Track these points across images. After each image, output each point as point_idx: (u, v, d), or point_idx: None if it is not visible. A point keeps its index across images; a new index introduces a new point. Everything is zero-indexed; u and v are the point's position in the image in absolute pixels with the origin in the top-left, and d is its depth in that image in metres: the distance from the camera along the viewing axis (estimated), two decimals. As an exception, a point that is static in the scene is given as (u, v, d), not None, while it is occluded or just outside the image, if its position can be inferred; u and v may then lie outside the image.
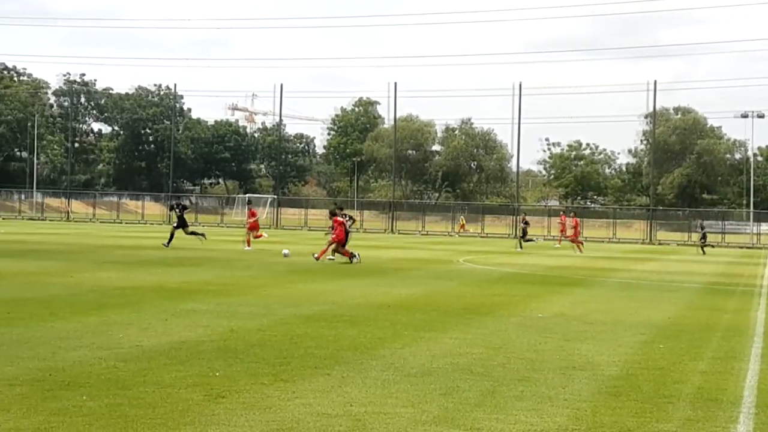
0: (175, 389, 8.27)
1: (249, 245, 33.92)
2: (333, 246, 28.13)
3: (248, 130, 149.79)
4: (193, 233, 34.45)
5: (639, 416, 7.92)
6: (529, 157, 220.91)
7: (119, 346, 10.50)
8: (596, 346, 11.80)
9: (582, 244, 45.36)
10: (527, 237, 47.36)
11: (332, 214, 29.65)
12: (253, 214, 35.56)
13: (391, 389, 8.61)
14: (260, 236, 35.69)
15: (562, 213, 53.09)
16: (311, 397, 8.14)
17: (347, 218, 29.31)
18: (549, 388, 8.95)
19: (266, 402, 7.91)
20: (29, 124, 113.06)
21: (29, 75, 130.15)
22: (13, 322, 12.30)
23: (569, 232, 48.00)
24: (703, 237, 48.24)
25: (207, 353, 10.23)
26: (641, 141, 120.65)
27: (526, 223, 48.03)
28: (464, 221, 73.49)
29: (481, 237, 62.45)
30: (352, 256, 27.69)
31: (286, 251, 30.11)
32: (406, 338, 11.94)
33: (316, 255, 27.96)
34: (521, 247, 44.96)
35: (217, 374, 9.03)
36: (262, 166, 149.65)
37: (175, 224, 33.93)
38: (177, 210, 34.31)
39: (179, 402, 7.79)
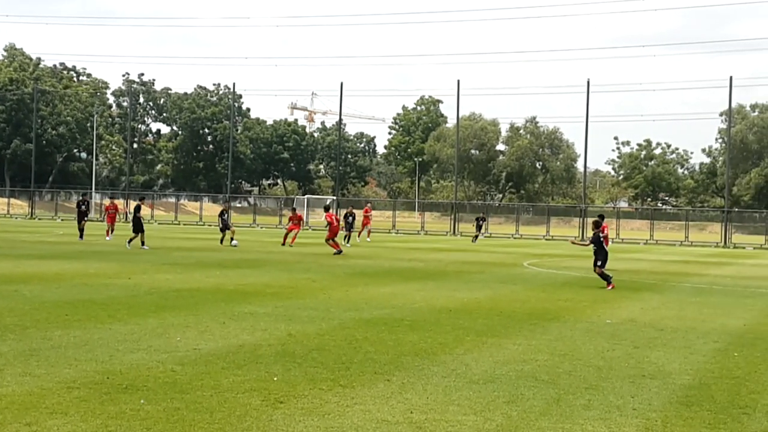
0: (234, 394, 8.23)
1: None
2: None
3: (308, 130, 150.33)
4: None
5: (713, 428, 7.67)
6: (597, 156, 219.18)
7: (177, 350, 10.49)
8: (668, 353, 11.47)
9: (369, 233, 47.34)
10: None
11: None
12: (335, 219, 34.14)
13: (454, 396, 8.46)
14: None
15: (368, 205, 51.94)
16: (371, 404, 8.04)
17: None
18: (618, 397, 8.72)
19: (325, 408, 7.82)
20: (89, 124, 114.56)
21: (89, 75, 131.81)
22: (71, 324, 12.36)
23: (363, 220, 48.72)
24: (478, 227, 51.32)
25: (265, 357, 10.16)
26: (716, 140, 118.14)
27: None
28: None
29: (546, 240, 61.68)
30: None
31: (235, 242, 34.49)
32: (469, 344, 11.74)
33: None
34: None
35: (276, 379, 8.95)
36: (322, 166, 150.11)
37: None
38: (83, 206, 36.50)
39: (237, 407, 7.75)
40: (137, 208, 32.05)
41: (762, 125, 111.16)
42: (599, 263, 21.11)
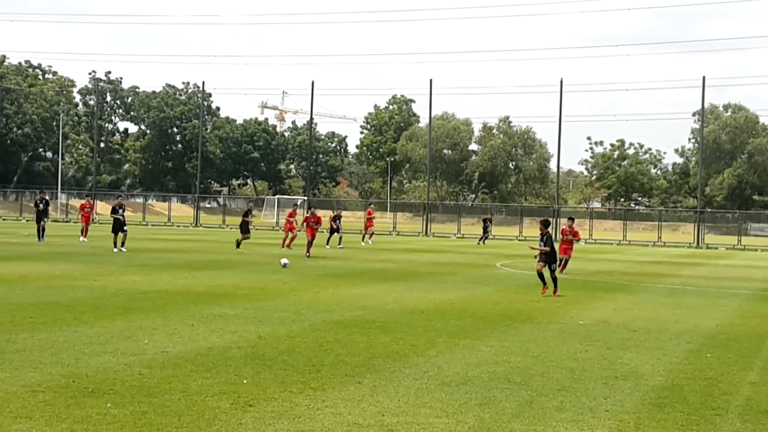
0: (202, 397, 8.14)
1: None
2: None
3: (279, 129, 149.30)
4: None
5: (685, 429, 7.69)
6: (570, 156, 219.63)
7: (145, 352, 10.35)
8: (640, 354, 11.48)
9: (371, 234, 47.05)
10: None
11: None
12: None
13: (425, 399, 8.40)
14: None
15: (371, 205, 52.18)
16: (342, 406, 7.98)
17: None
18: (590, 398, 8.71)
19: (295, 411, 7.75)
20: (55, 123, 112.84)
21: (55, 73, 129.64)
22: (36, 327, 12.16)
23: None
24: (485, 230, 52.31)
25: (235, 360, 10.06)
26: (689, 140, 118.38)
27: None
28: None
29: (519, 240, 61.78)
30: None
31: (285, 260, 26.26)
32: (441, 346, 11.69)
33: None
34: None
35: (245, 382, 8.86)
36: (293, 166, 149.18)
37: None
38: (41, 204, 35.70)
39: (206, 410, 7.66)
40: (115, 209, 31.36)
41: (734, 125, 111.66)
42: (552, 266, 19.64)
